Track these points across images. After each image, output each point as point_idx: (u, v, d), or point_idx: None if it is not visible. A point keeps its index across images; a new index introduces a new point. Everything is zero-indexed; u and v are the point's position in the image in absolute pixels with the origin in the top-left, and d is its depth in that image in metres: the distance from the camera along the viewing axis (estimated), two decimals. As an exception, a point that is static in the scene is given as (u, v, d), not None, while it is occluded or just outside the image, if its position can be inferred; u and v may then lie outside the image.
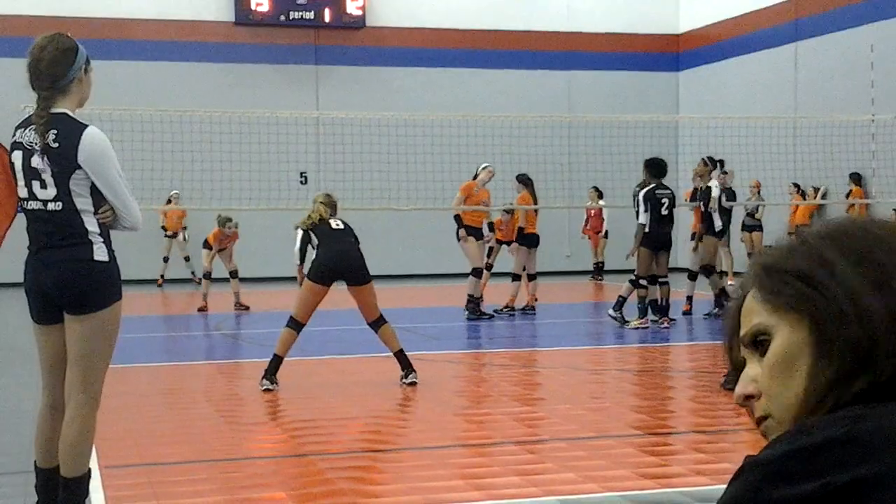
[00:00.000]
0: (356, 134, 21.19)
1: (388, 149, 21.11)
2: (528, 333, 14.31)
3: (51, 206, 4.80)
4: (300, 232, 9.73)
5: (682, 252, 20.14)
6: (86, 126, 4.83)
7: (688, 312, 15.14)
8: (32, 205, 4.85)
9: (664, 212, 13.77)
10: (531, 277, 15.76)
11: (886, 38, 19.77)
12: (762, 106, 22.56)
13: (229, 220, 16.82)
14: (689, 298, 15.25)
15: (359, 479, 6.35)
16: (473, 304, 14.95)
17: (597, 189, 22.42)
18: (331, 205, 9.67)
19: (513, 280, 15.76)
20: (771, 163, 20.41)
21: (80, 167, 4.77)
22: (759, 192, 20.89)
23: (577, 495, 5.77)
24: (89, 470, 5.00)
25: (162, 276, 22.37)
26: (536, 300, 15.92)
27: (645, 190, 13.84)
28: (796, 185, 20.95)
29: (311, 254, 9.58)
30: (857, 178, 20.04)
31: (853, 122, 19.68)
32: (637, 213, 13.95)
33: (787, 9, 22.72)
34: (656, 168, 14.00)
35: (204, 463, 6.68)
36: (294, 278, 10.35)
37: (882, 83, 19.67)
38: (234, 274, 16.91)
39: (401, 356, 9.42)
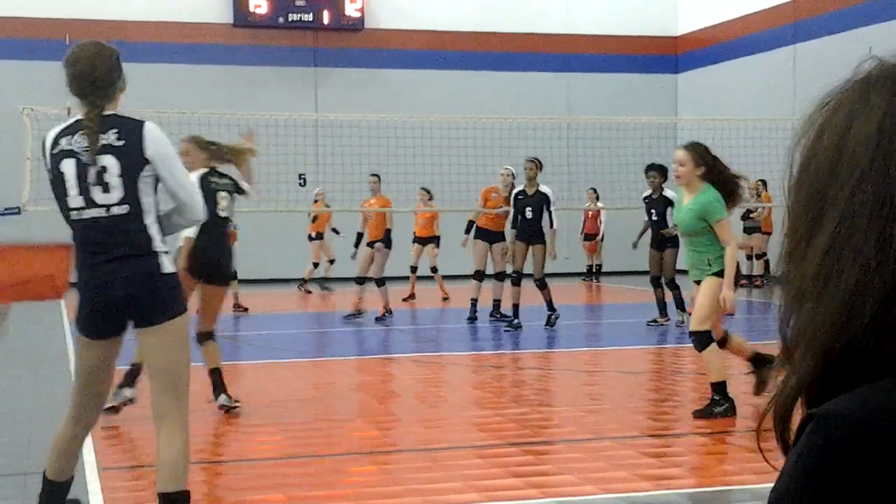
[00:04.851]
0: (355, 136, 21.17)
1: (386, 151, 21.08)
2: (526, 335, 14.29)
3: (115, 209, 4.59)
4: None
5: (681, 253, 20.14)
6: (143, 121, 4.71)
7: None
8: (91, 213, 4.61)
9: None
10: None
11: (885, 40, 19.77)
12: (761, 108, 22.55)
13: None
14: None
15: (357, 481, 6.34)
16: (496, 308, 15.28)
17: (594, 191, 22.44)
18: None
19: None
20: (769, 165, 20.42)
21: (147, 162, 4.61)
22: (758, 194, 20.85)
23: (576, 497, 5.76)
24: (188, 492, 4.86)
25: (305, 280, 19.98)
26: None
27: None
28: None
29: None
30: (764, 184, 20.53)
31: (852, 124, 19.68)
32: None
33: (785, 11, 22.73)
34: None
35: (202, 465, 6.67)
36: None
37: (881, 85, 19.68)
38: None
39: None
